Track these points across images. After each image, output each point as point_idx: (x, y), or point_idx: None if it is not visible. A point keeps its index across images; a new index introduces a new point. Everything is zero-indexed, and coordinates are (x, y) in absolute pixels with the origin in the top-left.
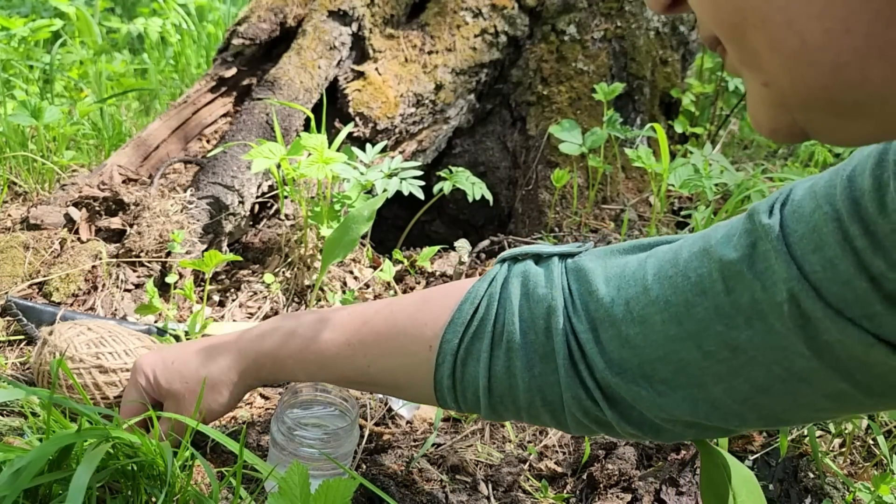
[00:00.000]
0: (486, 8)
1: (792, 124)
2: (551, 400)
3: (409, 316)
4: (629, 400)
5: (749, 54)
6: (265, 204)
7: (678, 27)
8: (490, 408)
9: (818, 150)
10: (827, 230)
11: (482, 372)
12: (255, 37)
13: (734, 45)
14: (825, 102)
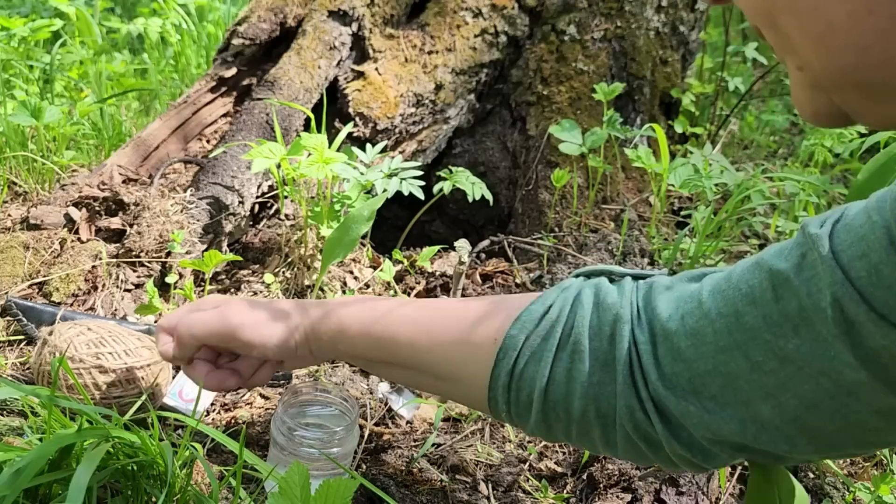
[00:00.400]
0: (486, 8)
1: (831, 106)
2: (605, 412)
3: (481, 309)
4: (678, 416)
5: (782, 39)
6: (265, 204)
7: (678, 27)
8: (542, 413)
9: (818, 151)
10: (874, 237)
11: (542, 371)
12: (255, 37)
13: (769, 31)
14: (856, 83)
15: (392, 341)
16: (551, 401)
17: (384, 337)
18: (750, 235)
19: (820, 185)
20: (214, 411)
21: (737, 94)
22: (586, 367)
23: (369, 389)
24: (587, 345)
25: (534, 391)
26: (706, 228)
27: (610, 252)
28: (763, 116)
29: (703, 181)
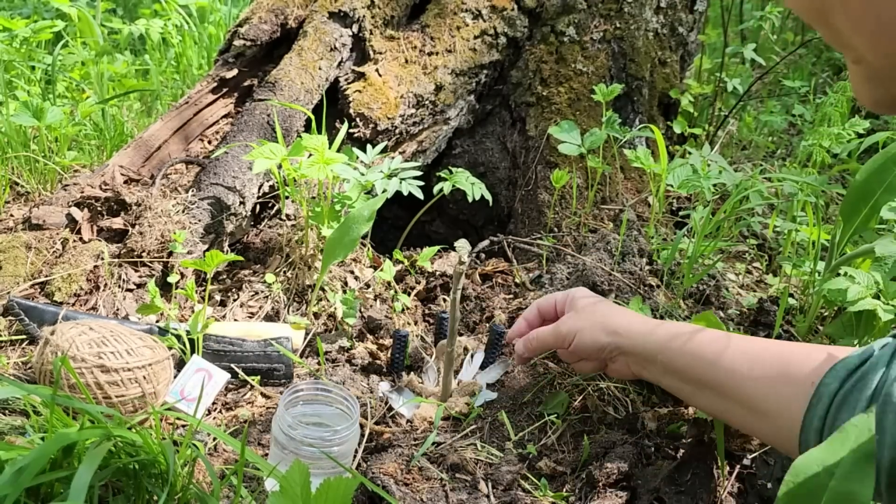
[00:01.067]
0: (485, 9)
1: (888, 96)
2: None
3: (804, 352)
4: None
5: (836, 35)
6: (266, 204)
7: (677, 28)
8: None
9: (816, 151)
10: None
11: None
12: (257, 38)
13: (822, 29)
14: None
15: (714, 364)
16: None
17: (707, 358)
18: (748, 235)
19: (818, 185)
20: (216, 410)
21: (735, 94)
22: (895, 419)
23: (370, 389)
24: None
25: None
26: (704, 228)
27: (609, 252)
28: (761, 117)
29: (701, 181)
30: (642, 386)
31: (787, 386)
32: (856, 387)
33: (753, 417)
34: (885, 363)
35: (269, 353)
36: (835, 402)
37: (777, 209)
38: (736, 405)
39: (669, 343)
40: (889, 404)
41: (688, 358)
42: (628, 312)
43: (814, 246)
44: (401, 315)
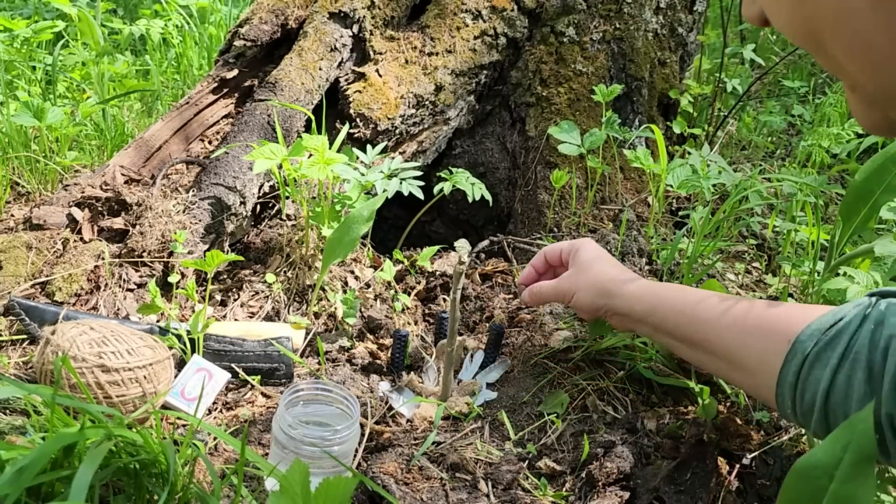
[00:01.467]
0: (485, 10)
1: (886, 119)
2: (877, 420)
3: (786, 312)
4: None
5: (830, 62)
6: (267, 204)
7: (676, 29)
8: (822, 412)
9: (815, 152)
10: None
11: (826, 375)
12: (257, 38)
13: (817, 56)
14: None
15: (701, 325)
16: (832, 403)
17: (695, 319)
18: (748, 235)
19: (817, 185)
20: (216, 410)
21: (735, 95)
22: (864, 376)
23: (370, 388)
24: (866, 356)
25: (817, 393)
26: (704, 228)
27: (609, 252)
28: (761, 117)
29: (700, 182)
30: (642, 385)
31: (767, 343)
32: (829, 345)
33: (736, 372)
34: (858, 323)
35: (269, 352)
36: (808, 358)
37: (776, 209)
38: (721, 361)
39: (659, 306)
40: (858, 362)
41: (677, 319)
42: (623, 272)
43: (813, 246)
44: (401, 315)
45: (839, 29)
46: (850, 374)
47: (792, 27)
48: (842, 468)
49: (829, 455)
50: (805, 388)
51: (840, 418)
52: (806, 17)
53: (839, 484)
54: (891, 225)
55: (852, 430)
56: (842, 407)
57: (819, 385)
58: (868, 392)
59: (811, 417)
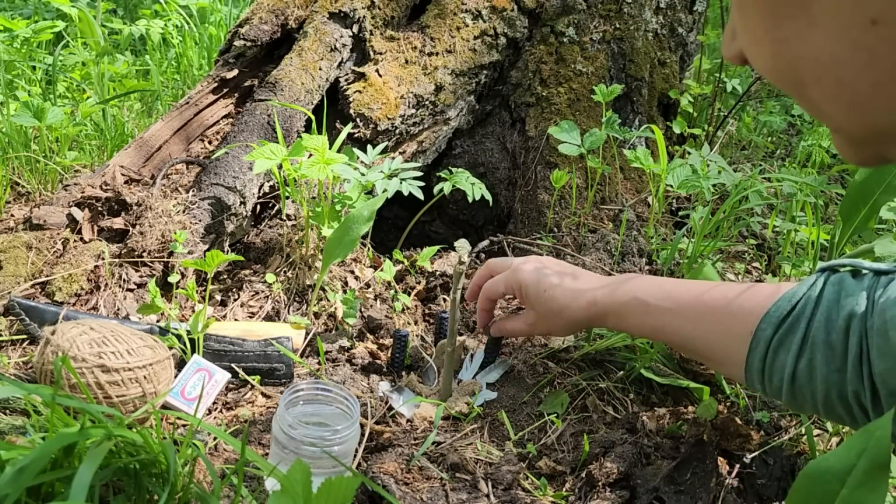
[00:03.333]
0: (485, 10)
1: (875, 154)
2: (844, 395)
3: (738, 300)
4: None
5: (812, 107)
6: (267, 204)
7: (676, 29)
8: (791, 394)
9: (815, 152)
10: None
11: (790, 360)
12: (257, 38)
13: (799, 100)
14: (892, 137)
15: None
16: (798, 386)
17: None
18: (748, 235)
19: (817, 185)
20: (216, 410)
21: (735, 95)
22: (823, 358)
23: (370, 388)
24: (824, 338)
25: (783, 378)
26: (704, 228)
27: (608, 252)
28: (761, 117)
29: (700, 182)
30: (642, 385)
31: (730, 337)
32: (789, 331)
33: (709, 363)
34: (813, 306)
35: (269, 352)
36: (771, 346)
37: (776, 209)
38: (692, 353)
39: (624, 317)
40: (816, 346)
41: (643, 327)
42: (575, 291)
43: (813, 246)
44: (401, 315)
45: (821, 78)
46: (810, 358)
47: (773, 74)
48: (854, 474)
49: (842, 461)
50: (772, 372)
51: (808, 397)
52: (786, 65)
53: (850, 490)
54: (891, 225)
55: (868, 437)
56: (808, 388)
57: (784, 370)
58: (830, 371)
59: (781, 396)
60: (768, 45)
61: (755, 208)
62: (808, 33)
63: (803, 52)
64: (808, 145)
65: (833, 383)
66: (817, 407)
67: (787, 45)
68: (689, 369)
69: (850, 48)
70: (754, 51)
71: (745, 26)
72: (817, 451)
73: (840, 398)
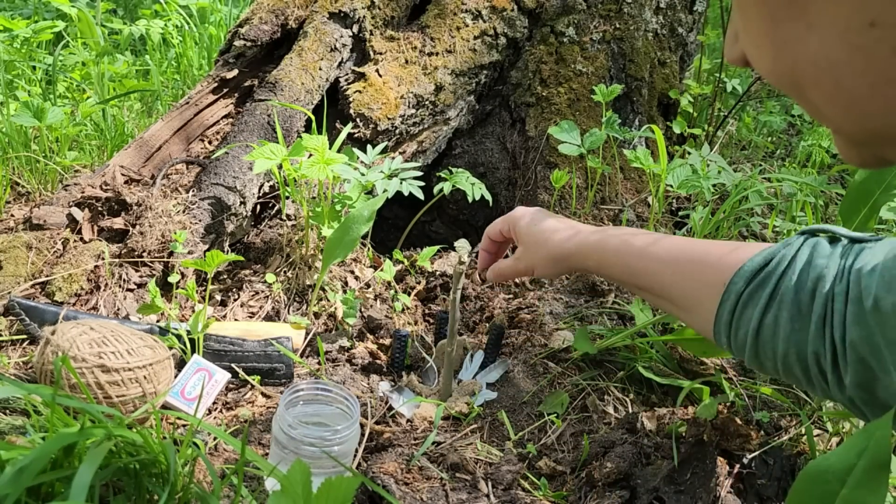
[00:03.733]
0: (485, 10)
1: (875, 156)
2: (803, 356)
3: (720, 255)
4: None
5: (812, 109)
6: (267, 204)
7: (676, 29)
8: (754, 350)
9: (815, 152)
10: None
11: (756, 315)
12: (257, 38)
13: (799, 101)
14: (890, 138)
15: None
16: (761, 341)
17: (640, 264)
18: (748, 235)
19: (817, 185)
20: (216, 410)
21: (735, 95)
22: (789, 315)
23: (370, 388)
24: (792, 297)
25: (748, 331)
26: (704, 228)
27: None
28: (761, 117)
29: (700, 181)
30: (642, 385)
31: (703, 286)
32: (760, 285)
33: (679, 312)
34: (786, 265)
35: (269, 352)
36: (741, 300)
37: (776, 209)
38: (667, 302)
39: (606, 258)
40: (784, 303)
41: (623, 268)
42: (566, 228)
43: None
44: (401, 315)
45: (820, 80)
46: (776, 314)
47: (773, 76)
48: (854, 474)
49: (842, 460)
50: (738, 325)
51: (769, 353)
52: (786, 67)
53: (850, 489)
54: (891, 225)
55: (868, 436)
56: (770, 344)
57: (750, 324)
58: (793, 330)
59: (744, 352)
60: (768, 48)
61: (755, 208)
62: (807, 36)
63: (802, 54)
64: (808, 145)
65: (794, 342)
66: (776, 365)
67: (786, 47)
68: (689, 369)
69: (847, 50)
70: (755, 53)
71: (746, 29)
72: (817, 451)
73: (799, 359)
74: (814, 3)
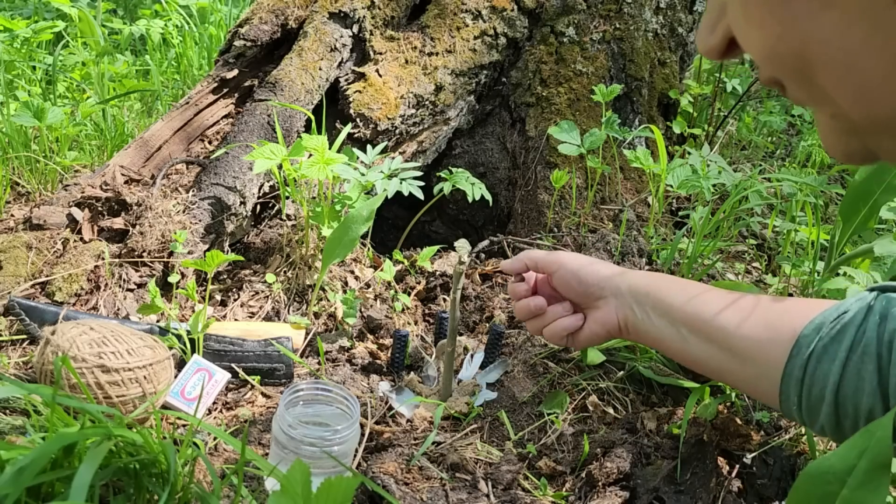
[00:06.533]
0: (485, 10)
1: (863, 149)
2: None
3: (788, 304)
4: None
5: (816, 92)
6: (267, 204)
7: (676, 29)
8: (833, 407)
9: (815, 152)
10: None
11: (836, 369)
12: (257, 38)
13: (799, 85)
14: (892, 129)
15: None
16: (843, 396)
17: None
18: (748, 235)
19: (817, 185)
20: (216, 410)
21: (735, 95)
22: (874, 367)
23: (370, 388)
24: (875, 349)
25: (826, 387)
26: (704, 228)
27: (609, 252)
28: (761, 117)
29: (700, 182)
30: (642, 385)
31: (770, 336)
32: (835, 339)
33: (738, 364)
34: (863, 316)
35: (269, 352)
36: (814, 353)
37: (776, 209)
38: (723, 352)
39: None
40: (867, 355)
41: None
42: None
43: (813, 246)
44: (401, 315)
45: (831, 61)
46: (859, 367)
47: (773, 58)
48: (855, 474)
49: (843, 461)
50: (812, 382)
51: (850, 411)
52: (792, 49)
53: (851, 490)
54: (891, 225)
55: (869, 437)
56: (852, 400)
57: (828, 379)
58: (881, 382)
59: (819, 412)
60: (774, 26)
61: (755, 208)
62: (822, 14)
63: (813, 33)
64: (808, 145)
65: (881, 396)
66: (858, 423)
67: (795, 25)
68: (689, 369)
69: (866, 30)
70: (754, 34)
71: (746, 6)
72: (817, 451)
73: (884, 413)
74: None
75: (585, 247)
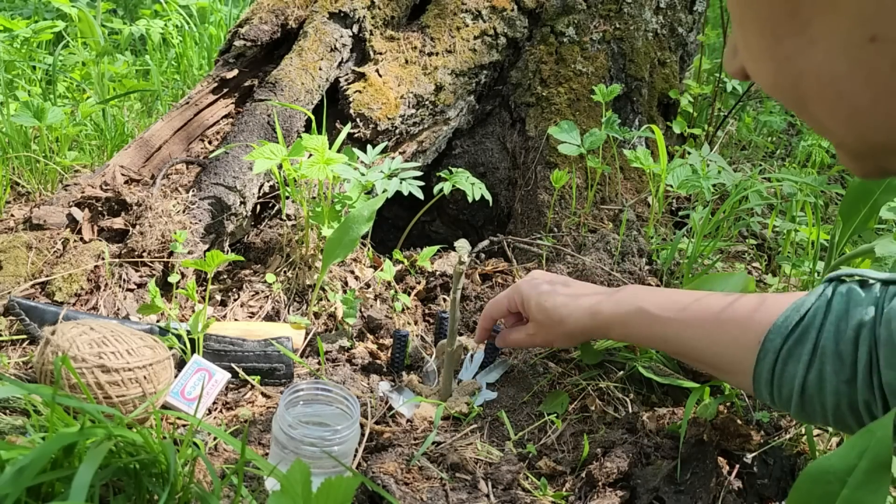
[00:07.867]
0: (485, 10)
1: (877, 167)
2: (854, 405)
3: (748, 312)
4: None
5: (814, 122)
6: (267, 204)
7: (676, 29)
8: (800, 406)
9: (815, 152)
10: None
11: (800, 371)
12: (257, 38)
13: (800, 115)
14: (892, 150)
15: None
16: (808, 396)
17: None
18: (748, 235)
19: (817, 185)
20: (216, 410)
21: (735, 95)
22: (833, 369)
23: (370, 388)
24: (833, 349)
25: (793, 389)
26: (704, 228)
27: (608, 252)
28: (761, 117)
29: (700, 182)
30: (642, 385)
31: (737, 348)
32: (798, 341)
33: (718, 374)
34: (822, 317)
35: (269, 352)
36: (780, 356)
37: (776, 209)
38: (702, 365)
39: (629, 329)
40: (826, 356)
41: (649, 338)
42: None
43: (813, 246)
44: (401, 315)
45: (822, 94)
46: (820, 369)
47: (775, 90)
48: (855, 474)
49: (843, 461)
50: (781, 383)
51: (817, 408)
52: (788, 82)
53: (851, 490)
54: (891, 225)
55: (870, 437)
56: (817, 398)
57: (794, 381)
58: (840, 382)
59: (790, 407)
60: (769, 63)
61: (755, 208)
62: (809, 51)
63: (805, 68)
64: (808, 145)
65: (843, 394)
66: (827, 418)
67: (788, 63)
68: (689, 369)
69: (849, 65)
70: (756, 67)
71: (746, 45)
72: (817, 451)
73: (850, 409)
74: (816, 19)
75: (585, 247)
